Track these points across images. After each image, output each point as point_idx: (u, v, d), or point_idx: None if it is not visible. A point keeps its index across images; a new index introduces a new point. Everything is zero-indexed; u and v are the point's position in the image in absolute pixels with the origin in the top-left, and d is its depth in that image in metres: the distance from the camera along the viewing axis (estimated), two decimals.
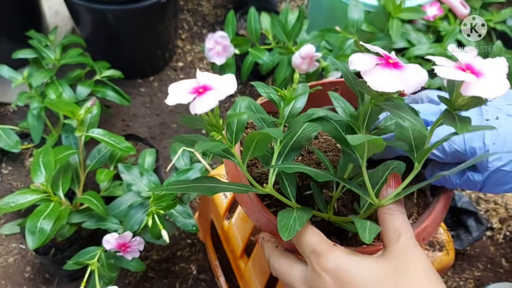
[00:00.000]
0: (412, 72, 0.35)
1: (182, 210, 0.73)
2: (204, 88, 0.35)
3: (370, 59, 0.36)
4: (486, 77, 0.34)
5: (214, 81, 0.35)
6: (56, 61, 0.95)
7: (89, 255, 0.72)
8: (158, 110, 1.26)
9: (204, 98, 0.34)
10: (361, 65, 0.35)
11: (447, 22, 1.03)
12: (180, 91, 0.35)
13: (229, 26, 0.95)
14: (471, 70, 0.34)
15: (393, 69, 0.35)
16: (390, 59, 0.36)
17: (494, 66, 0.36)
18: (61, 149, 0.75)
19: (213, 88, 0.35)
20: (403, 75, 0.34)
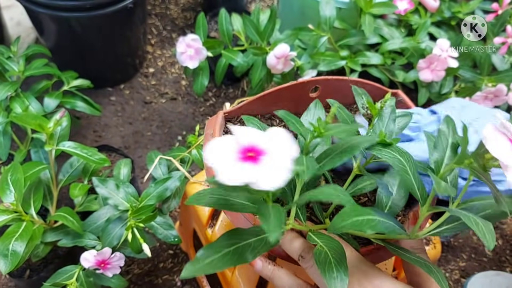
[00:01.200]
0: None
1: (162, 222, 0.70)
2: (254, 151, 0.29)
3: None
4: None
5: (263, 140, 0.29)
6: (20, 73, 0.90)
7: (67, 274, 0.69)
8: (130, 119, 1.22)
9: (271, 169, 0.28)
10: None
11: (418, 16, 1.04)
12: (227, 158, 0.28)
13: (200, 28, 0.93)
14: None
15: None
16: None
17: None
18: (31, 165, 0.71)
19: (267, 151, 0.29)
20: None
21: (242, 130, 0.30)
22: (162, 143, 1.18)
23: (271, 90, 0.57)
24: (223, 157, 0.28)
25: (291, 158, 0.29)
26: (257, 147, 0.29)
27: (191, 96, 1.29)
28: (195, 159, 0.76)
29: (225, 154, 0.29)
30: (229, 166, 0.28)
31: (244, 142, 0.29)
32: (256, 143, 0.29)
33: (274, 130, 0.30)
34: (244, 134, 0.29)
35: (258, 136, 0.30)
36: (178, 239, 0.69)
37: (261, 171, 0.28)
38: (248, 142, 0.29)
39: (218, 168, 0.28)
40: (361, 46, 0.99)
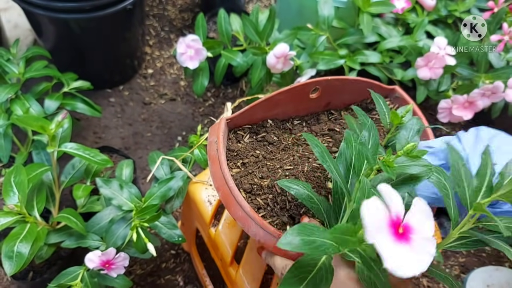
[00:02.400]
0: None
1: (166, 221, 0.70)
2: (404, 227, 0.27)
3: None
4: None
5: (408, 213, 0.28)
6: (20, 75, 0.91)
7: (71, 275, 0.69)
8: (130, 120, 1.22)
9: (418, 253, 0.27)
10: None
11: (415, 14, 1.05)
12: (377, 226, 0.27)
13: (199, 29, 0.93)
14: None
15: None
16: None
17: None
18: (33, 167, 0.72)
19: (415, 228, 0.28)
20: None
21: (388, 193, 0.28)
22: (162, 143, 1.18)
23: (272, 94, 0.58)
24: (379, 233, 0.27)
25: (433, 239, 0.28)
26: (403, 220, 0.28)
27: (190, 96, 1.29)
28: (197, 159, 0.76)
29: (380, 227, 0.28)
30: (389, 247, 0.27)
31: (393, 212, 0.28)
32: (402, 213, 0.28)
33: (418, 201, 0.29)
34: (391, 200, 0.28)
35: (401, 205, 0.28)
36: (182, 239, 0.70)
37: (413, 254, 0.27)
38: (396, 213, 0.28)
39: (384, 251, 0.26)
40: (360, 45, 1.00)
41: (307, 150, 0.56)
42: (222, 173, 0.50)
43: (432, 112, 1.25)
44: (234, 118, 0.56)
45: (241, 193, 0.50)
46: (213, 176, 0.51)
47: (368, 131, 0.47)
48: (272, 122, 0.60)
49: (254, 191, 0.51)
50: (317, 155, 0.42)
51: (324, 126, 0.61)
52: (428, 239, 0.28)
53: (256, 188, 0.51)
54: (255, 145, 0.57)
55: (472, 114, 0.93)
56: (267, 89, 1.20)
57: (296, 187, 0.44)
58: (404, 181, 0.43)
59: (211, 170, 0.51)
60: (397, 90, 0.63)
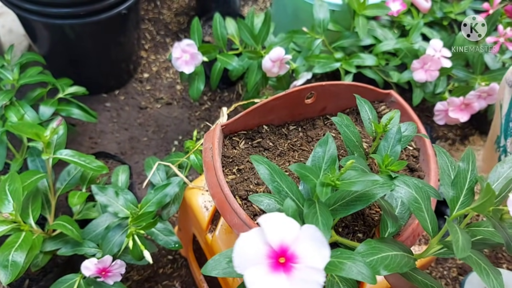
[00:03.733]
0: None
1: (162, 228, 0.70)
2: (285, 255, 0.26)
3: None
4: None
5: (294, 239, 0.27)
6: (14, 81, 0.90)
7: (67, 283, 0.68)
8: (126, 124, 1.22)
9: (301, 283, 0.26)
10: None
11: (411, 16, 1.05)
12: (256, 266, 0.26)
13: (194, 33, 0.93)
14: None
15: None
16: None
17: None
18: (28, 174, 0.71)
19: (299, 256, 0.27)
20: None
21: (271, 224, 0.27)
22: (158, 148, 1.18)
23: (267, 100, 0.57)
24: (252, 264, 0.26)
25: (322, 268, 0.27)
26: (289, 249, 0.27)
27: (186, 100, 1.28)
28: (194, 164, 0.76)
29: (255, 259, 0.27)
30: (260, 279, 0.26)
31: (273, 242, 0.27)
32: (286, 242, 0.27)
33: (307, 228, 0.28)
34: (273, 231, 0.27)
35: (289, 233, 0.27)
36: (178, 245, 0.69)
37: (293, 284, 0.26)
38: (278, 242, 0.27)
39: (250, 282, 0.26)
40: (355, 48, 1.00)
41: (303, 156, 0.56)
42: (217, 180, 0.49)
43: (428, 114, 1.25)
44: (229, 124, 0.56)
45: (237, 200, 0.49)
46: (209, 183, 0.51)
47: (321, 146, 0.44)
48: (267, 127, 0.60)
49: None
50: (262, 177, 0.41)
51: (320, 131, 0.60)
52: (314, 268, 0.26)
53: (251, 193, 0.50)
54: (251, 151, 0.57)
55: (468, 116, 0.93)
56: (263, 93, 1.20)
57: (267, 201, 0.43)
58: (357, 198, 0.40)
59: (206, 177, 0.51)
60: (393, 94, 0.63)
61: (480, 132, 1.23)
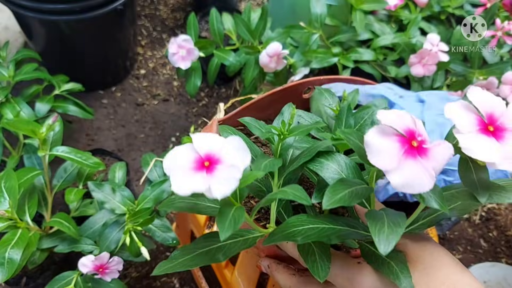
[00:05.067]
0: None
1: (160, 224, 0.70)
2: (209, 160, 0.30)
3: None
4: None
5: (219, 149, 0.31)
6: (10, 78, 0.89)
7: (65, 281, 0.68)
8: (123, 121, 1.21)
9: (221, 179, 0.29)
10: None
11: (408, 11, 1.04)
12: (181, 167, 0.30)
13: (191, 28, 0.93)
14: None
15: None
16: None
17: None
18: (25, 171, 0.71)
19: (222, 160, 0.30)
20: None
21: (201, 138, 0.31)
22: (155, 145, 1.17)
23: (264, 95, 0.57)
24: (179, 167, 0.30)
25: (242, 168, 0.30)
26: (213, 155, 0.30)
27: (183, 96, 1.28)
28: None
29: (182, 163, 0.30)
30: (182, 177, 0.29)
31: (201, 151, 0.31)
32: (213, 151, 0.31)
33: (232, 138, 0.31)
34: (202, 143, 0.31)
35: (215, 144, 0.31)
36: (176, 241, 0.69)
37: (212, 181, 0.29)
38: (205, 151, 0.31)
39: (172, 179, 0.29)
40: (353, 43, 0.99)
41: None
42: None
43: None
44: (226, 120, 0.56)
45: None
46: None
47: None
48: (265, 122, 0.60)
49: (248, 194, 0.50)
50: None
51: None
52: (233, 166, 0.30)
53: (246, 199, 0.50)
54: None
55: None
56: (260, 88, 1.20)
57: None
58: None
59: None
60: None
61: None
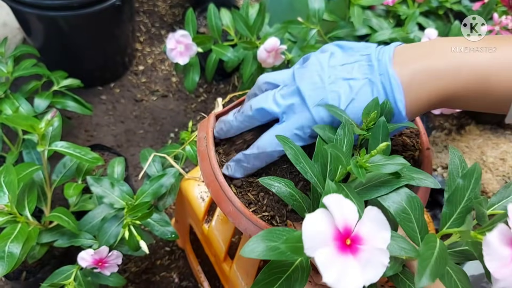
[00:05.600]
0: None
1: (158, 218, 0.70)
2: (351, 238, 0.27)
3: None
4: None
5: (359, 222, 0.27)
6: (9, 74, 0.90)
7: (64, 275, 0.68)
8: (122, 117, 1.22)
9: (367, 264, 0.26)
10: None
11: (406, 6, 1.04)
12: (323, 244, 0.26)
13: (189, 24, 0.93)
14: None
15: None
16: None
17: None
18: (24, 166, 0.71)
19: (365, 239, 0.27)
20: None
21: (335, 204, 0.27)
22: (154, 140, 1.18)
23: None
24: (322, 246, 0.26)
25: (386, 250, 0.27)
26: (352, 230, 0.27)
27: (182, 92, 1.28)
28: (189, 155, 0.76)
29: (323, 241, 0.27)
30: (331, 259, 0.26)
31: (339, 223, 0.27)
32: (350, 224, 0.27)
33: (370, 210, 0.28)
34: (338, 211, 0.27)
35: (351, 214, 0.28)
36: (175, 235, 0.69)
37: (360, 265, 0.26)
38: (343, 224, 0.27)
39: (321, 262, 0.26)
40: (351, 38, 0.99)
41: None
42: (212, 169, 0.49)
43: None
44: (223, 113, 0.56)
45: (232, 189, 0.49)
46: (203, 172, 0.51)
47: (343, 129, 0.42)
48: None
49: (245, 186, 0.50)
50: (290, 157, 0.40)
51: None
52: (379, 249, 0.27)
53: (246, 184, 0.50)
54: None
55: None
56: None
57: (278, 184, 0.42)
58: (381, 184, 0.39)
59: (201, 166, 0.51)
60: None
61: (477, 121, 1.23)
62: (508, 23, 0.92)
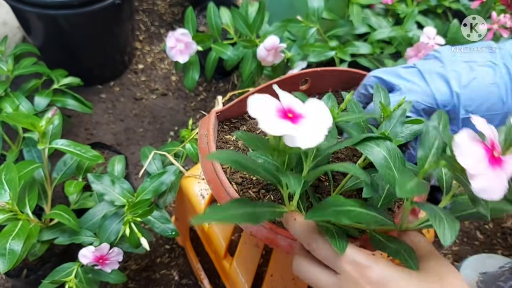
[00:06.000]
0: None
1: (159, 216, 0.70)
2: (293, 113, 0.31)
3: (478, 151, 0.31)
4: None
5: (302, 105, 0.32)
6: (9, 72, 0.90)
7: (65, 272, 0.69)
8: (121, 116, 1.22)
9: (308, 130, 0.30)
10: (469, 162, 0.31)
11: (405, 5, 1.05)
12: (268, 112, 0.31)
13: (189, 23, 0.93)
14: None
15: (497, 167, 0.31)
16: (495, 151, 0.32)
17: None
18: (24, 164, 0.71)
19: (305, 116, 0.32)
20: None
21: (284, 93, 0.33)
22: (154, 139, 1.18)
23: (261, 86, 0.58)
24: (265, 111, 0.31)
25: (326, 126, 0.31)
26: (296, 110, 0.32)
27: (181, 91, 1.28)
28: (189, 153, 0.76)
29: (267, 109, 0.31)
30: (271, 120, 0.30)
31: (284, 103, 0.32)
32: (295, 107, 0.32)
33: (313, 100, 0.33)
34: (285, 97, 0.32)
35: (297, 102, 0.33)
36: (175, 233, 0.70)
37: (299, 130, 0.30)
38: (287, 105, 0.32)
39: (262, 119, 0.30)
40: (350, 36, 1.00)
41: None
42: (212, 166, 0.50)
43: None
44: (224, 111, 0.56)
45: (233, 186, 0.50)
46: (204, 169, 0.51)
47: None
48: None
49: (246, 184, 0.51)
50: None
51: None
52: (319, 121, 0.32)
53: (247, 181, 0.51)
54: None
55: None
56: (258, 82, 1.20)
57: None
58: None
59: (202, 164, 0.51)
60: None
61: None
62: (506, 22, 0.93)
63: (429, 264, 0.38)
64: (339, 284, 0.37)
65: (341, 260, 0.37)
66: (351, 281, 0.36)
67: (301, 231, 0.40)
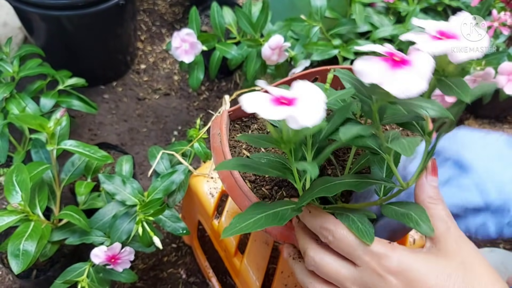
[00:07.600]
0: (421, 62, 0.33)
1: (170, 215, 0.71)
2: (287, 99, 0.32)
3: (379, 63, 0.33)
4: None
5: (292, 92, 0.33)
6: (14, 73, 0.90)
7: (77, 272, 0.69)
8: (125, 116, 1.22)
9: (305, 108, 0.31)
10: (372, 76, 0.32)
11: (406, 3, 1.06)
12: (264, 103, 0.32)
13: (193, 22, 0.94)
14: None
15: (403, 66, 0.33)
16: (394, 56, 0.34)
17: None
18: (34, 165, 0.72)
19: (299, 98, 0.33)
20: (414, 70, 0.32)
21: (271, 87, 0.34)
22: (158, 139, 1.19)
23: (274, 85, 0.58)
24: (260, 103, 0.32)
25: (321, 100, 0.32)
26: (288, 96, 0.33)
27: (184, 90, 1.29)
28: (198, 152, 0.77)
29: (262, 101, 0.32)
30: (269, 107, 0.32)
31: (275, 93, 0.33)
32: (286, 94, 0.33)
33: (298, 82, 0.34)
34: (273, 89, 0.34)
35: (286, 91, 0.34)
36: (186, 231, 0.70)
37: (297, 109, 0.31)
38: (279, 94, 0.33)
39: (260, 110, 0.31)
40: (352, 35, 1.01)
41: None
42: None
43: None
44: (236, 110, 0.57)
45: (247, 184, 0.50)
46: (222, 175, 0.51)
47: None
48: None
49: (259, 181, 0.51)
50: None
51: None
52: (313, 102, 0.32)
53: (260, 178, 0.52)
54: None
55: None
56: None
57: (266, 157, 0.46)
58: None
59: (215, 162, 0.52)
60: None
61: (475, 116, 1.25)
62: (506, 19, 0.94)
63: (447, 243, 0.36)
64: (360, 276, 0.37)
65: (360, 251, 0.36)
66: (372, 272, 0.36)
67: (317, 224, 0.40)
